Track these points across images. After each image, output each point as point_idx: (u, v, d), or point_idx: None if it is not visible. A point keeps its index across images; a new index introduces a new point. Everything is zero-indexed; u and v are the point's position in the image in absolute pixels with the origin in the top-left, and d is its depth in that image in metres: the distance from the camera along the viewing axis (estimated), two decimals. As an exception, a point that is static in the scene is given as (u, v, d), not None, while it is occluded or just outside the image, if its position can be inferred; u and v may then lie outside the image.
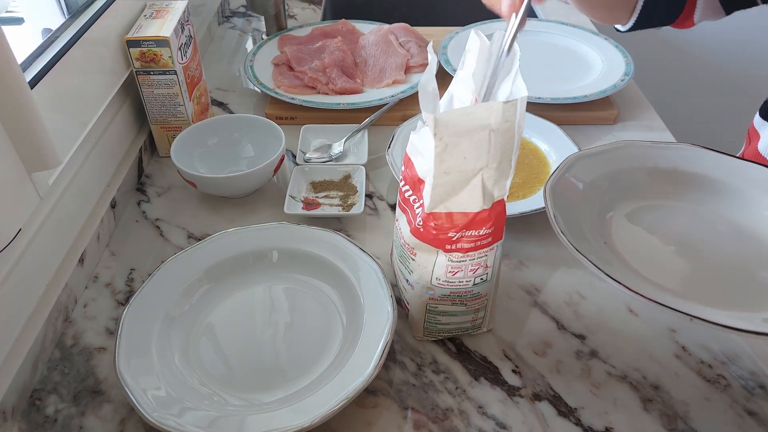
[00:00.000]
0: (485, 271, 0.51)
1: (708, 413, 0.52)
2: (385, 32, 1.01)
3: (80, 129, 0.65)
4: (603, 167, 0.62)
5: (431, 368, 0.55)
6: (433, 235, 0.49)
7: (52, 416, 0.52)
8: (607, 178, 0.61)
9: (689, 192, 0.62)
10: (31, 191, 0.54)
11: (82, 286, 0.63)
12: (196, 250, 0.62)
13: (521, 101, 0.43)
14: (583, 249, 0.50)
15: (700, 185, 0.62)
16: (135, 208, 0.74)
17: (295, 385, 0.52)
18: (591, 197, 0.60)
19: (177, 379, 0.52)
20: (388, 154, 0.75)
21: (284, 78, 0.93)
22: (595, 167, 0.62)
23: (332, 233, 0.63)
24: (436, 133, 0.43)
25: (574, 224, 0.54)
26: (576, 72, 0.96)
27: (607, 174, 0.62)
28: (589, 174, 0.61)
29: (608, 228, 0.59)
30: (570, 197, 0.58)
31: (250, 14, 1.24)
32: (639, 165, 0.63)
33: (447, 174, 0.46)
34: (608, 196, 0.61)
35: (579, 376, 0.55)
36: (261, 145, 0.78)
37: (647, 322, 0.60)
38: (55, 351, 0.57)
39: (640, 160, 0.63)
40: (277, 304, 0.60)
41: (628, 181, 0.62)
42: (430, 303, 0.54)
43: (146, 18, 0.76)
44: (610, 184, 0.61)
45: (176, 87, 0.75)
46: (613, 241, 0.57)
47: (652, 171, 0.63)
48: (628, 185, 0.62)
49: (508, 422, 0.51)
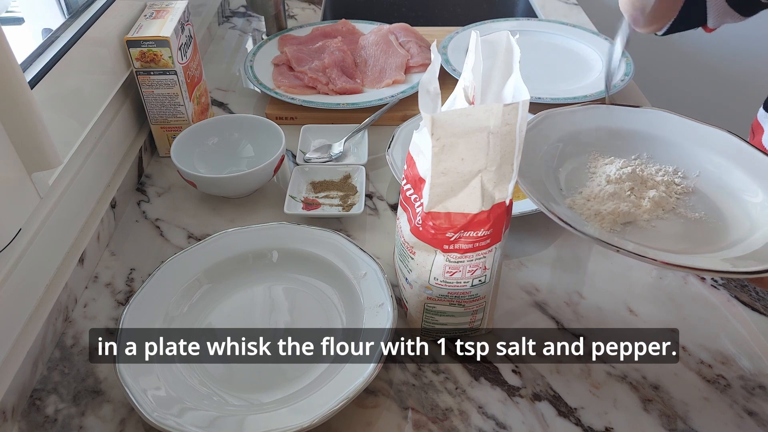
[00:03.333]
0: (483, 272, 0.51)
1: (708, 413, 0.52)
2: (385, 32, 1.01)
3: (80, 129, 0.65)
4: (569, 126, 0.65)
5: (431, 368, 0.55)
6: (431, 235, 0.49)
7: (52, 416, 0.52)
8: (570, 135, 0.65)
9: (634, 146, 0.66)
10: (31, 191, 0.54)
11: (82, 286, 0.63)
12: (196, 250, 0.62)
13: (523, 104, 0.43)
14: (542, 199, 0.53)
15: (646, 141, 0.66)
16: (135, 208, 0.74)
17: (295, 385, 0.52)
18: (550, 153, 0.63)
19: (177, 379, 0.52)
20: (388, 154, 0.75)
21: (284, 78, 0.93)
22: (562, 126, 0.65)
23: (332, 233, 0.63)
24: (433, 134, 0.43)
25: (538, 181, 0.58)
26: (576, 72, 0.96)
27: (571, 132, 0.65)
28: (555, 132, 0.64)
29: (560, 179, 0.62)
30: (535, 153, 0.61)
31: (250, 14, 1.24)
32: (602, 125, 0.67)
33: (444, 174, 0.46)
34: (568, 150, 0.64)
35: (579, 376, 0.55)
36: (261, 145, 0.78)
37: (647, 322, 0.60)
38: (55, 351, 0.57)
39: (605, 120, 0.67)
40: (277, 304, 0.60)
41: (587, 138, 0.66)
42: (428, 303, 0.54)
43: (146, 18, 0.76)
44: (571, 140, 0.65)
45: (176, 87, 0.75)
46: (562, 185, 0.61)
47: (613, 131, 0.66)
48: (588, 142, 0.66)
49: (508, 422, 0.51)
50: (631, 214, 0.57)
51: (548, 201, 0.54)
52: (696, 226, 0.57)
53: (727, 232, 0.56)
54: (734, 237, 0.55)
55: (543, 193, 0.56)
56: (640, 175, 0.61)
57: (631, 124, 0.66)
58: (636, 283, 0.64)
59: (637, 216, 0.57)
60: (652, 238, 0.55)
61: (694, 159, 0.63)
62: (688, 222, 0.57)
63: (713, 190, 0.61)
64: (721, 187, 0.61)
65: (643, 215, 0.57)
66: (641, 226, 0.57)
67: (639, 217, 0.57)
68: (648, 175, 0.61)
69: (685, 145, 0.64)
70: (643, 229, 0.56)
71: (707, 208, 0.59)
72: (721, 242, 0.55)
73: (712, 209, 0.59)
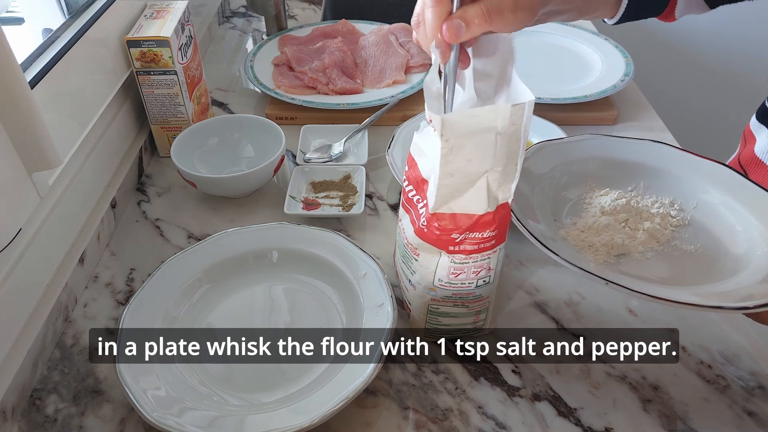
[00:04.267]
0: (488, 273, 0.51)
1: (707, 414, 0.52)
2: (385, 32, 1.01)
3: (80, 129, 0.65)
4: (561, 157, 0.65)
5: (431, 368, 0.55)
6: (436, 236, 0.49)
7: (52, 416, 0.52)
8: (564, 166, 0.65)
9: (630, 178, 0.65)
10: (31, 191, 0.54)
11: (82, 286, 0.63)
12: (196, 250, 0.62)
13: (529, 105, 0.43)
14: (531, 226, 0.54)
15: (642, 172, 0.65)
16: (135, 208, 0.74)
17: (295, 385, 0.52)
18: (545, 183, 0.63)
19: (177, 379, 0.52)
20: (388, 155, 0.75)
21: (284, 78, 0.93)
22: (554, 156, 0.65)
23: (332, 233, 0.63)
24: (442, 134, 0.43)
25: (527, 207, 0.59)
26: (576, 72, 0.96)
27: (564, 163, 0.65)
28: (548, 163, 0.64)
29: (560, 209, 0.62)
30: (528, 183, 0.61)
31: (251, 14, 1.24)
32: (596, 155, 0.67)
33: (452, 175, 0.45)
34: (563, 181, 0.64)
35: (578, 376, 0.55)
36: (261, 145, 0.78)
37: (647, 322, 0.60)
38: (55, 351, 0.57)
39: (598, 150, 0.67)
40: (277, 304, 0.60)
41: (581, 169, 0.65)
42: (432, 304, 0.54)
43: (146, 18, 0.76)
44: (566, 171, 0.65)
45: (176, 87, 0.75)
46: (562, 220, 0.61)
47: (607, 161, 0.66)
48: (582, 173, 0.65)
49: (507, 422, 0.51)
50: (625, 246, 0.57)
51: (542, 235, 0.54)
52: (691, 259, 0.57)
53: (722, 265, 0.56)
54: (729, 271, 0.54)
55: (536, 224, 0.56)
56: (635, 206, 0.61)
57: (628, 155, 0.66)
58: (636, 284, 0.64)
59: (631, 248, 0.57)
60: (646, 269, 0.55)
61: (691, 191, 0.63)
62: (683, 255, 0.57)
63: (710, 224, 0.60)
64: (718, 221, 0.60)
65: (638, 247, 0.57)
66: (635, 258, 0.57)
67: (633, 249, 0.57)
68: (643, 207, 0.61)
69: (682, 177, 0.64)
70: (637, 261, 0.56)
71: (703, 241, 0.58)
72: (715, 276, 0.54)
73: (708, 242, 0.58)
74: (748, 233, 0.57)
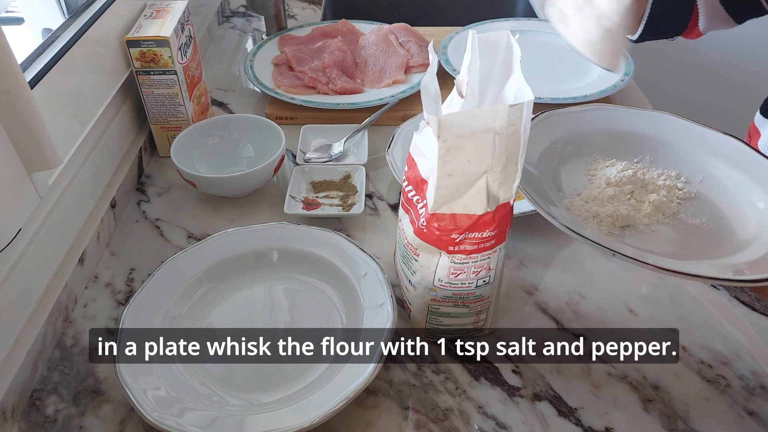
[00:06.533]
0: (488, 273, 0.51)
1: (708, 413, 0.52)
2: (385, 32, 1.01)
3: (80, 129, 0.65)
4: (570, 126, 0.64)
5: (431, 368, 0.55)
6: (436, 236, 0.49)
7: (52, 416, 0.52)
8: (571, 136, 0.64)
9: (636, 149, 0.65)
10: (31, 191, 0.54)
11: (82, 286, 0.63)
12: (196, 250, 0.61)
13: (527, 105, 0.43)
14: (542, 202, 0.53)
15: (649, 145, 0.64)
16: (135, 208, 0.74)
17: (295, 385, 0.52)
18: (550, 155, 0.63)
19: (177, 379, 0.52)
20: (388, 154, 0.75)
21: (284, 78, 0.92)
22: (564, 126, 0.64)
23: (332, 233, 0.63)
24: (439, 135, 0.43)
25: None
26: (576, 72, 0.95)
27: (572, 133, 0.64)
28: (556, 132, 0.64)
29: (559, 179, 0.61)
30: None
31: (250, 14, 1.24)
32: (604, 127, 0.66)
33: (450, 176, 0.45)
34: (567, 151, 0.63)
35: (579, 376, 0.55)
36: (261, 145, 0.78)
37: (647, 322, 0.60)
38: (55, 351, 0.57)
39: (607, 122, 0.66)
40: (277, 304, 0.60)
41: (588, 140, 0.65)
42: (432, 304, 0.53)
43: (146, 18, 0.76)
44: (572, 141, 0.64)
45: (176, 87, 0.75)
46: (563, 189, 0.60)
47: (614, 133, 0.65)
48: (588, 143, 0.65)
49: (508, 422, 0.51)
50: (631, 217, 0.56)
51: (545, 202, 0.54)
52: (697, 232, 0.56)
53: (728, 239, 0.55)
54: (735, 244, 0.54)
55: (540, 194, 0.55)
56: (641, 178, 0.60)
57: (635, 127, 0.65)
58: (636, 283, 0.64)
59: (636, 220, 0.56)
60: (650, 242, 0.55)
61: (698, 163, 0.62)
62: (688, 228, 0.57)
63: (716, 196, 0.59)
64: (724, 193, 0.59)
65: (643, 219, 0.56)
66: (640, 230, 0.56)
67: (638, 221, 0.56)
68: (649, 179, 0.60)
69: (689, 149, 0.63)
70: (642, 234, 0.56)
71: (709, 214, 0.58)
72: (721, 249, 0.54)
73: (714, 215, 0.58)
74: (754, 207, 0.57)
